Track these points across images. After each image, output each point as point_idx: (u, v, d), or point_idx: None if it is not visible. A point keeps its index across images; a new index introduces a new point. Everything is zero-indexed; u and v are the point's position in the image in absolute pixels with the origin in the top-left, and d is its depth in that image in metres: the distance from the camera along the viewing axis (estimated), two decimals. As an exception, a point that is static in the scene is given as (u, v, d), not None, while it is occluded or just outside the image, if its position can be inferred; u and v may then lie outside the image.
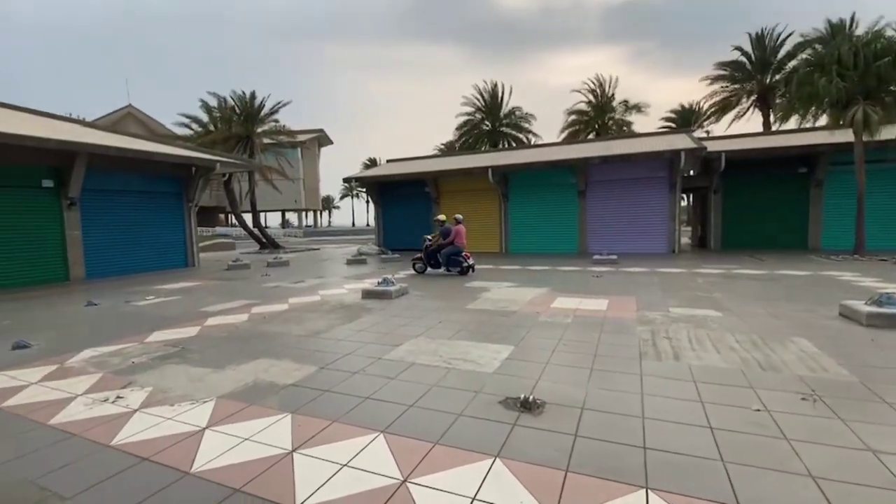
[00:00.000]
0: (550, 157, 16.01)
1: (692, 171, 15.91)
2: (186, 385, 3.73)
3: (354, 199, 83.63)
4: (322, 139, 43.76)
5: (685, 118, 32.12)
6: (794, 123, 15.29)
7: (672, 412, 2.96)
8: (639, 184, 15.07)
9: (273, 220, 51.05)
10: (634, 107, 29.64)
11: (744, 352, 4.20)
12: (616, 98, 29.64)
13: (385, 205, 20.07)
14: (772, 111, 23.82)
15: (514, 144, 29.66)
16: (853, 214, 12.64)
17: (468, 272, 10.27)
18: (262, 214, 24.70)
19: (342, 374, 3.88)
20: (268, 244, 23.09)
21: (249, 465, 2.45)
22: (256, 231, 23.64)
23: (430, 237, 10.82)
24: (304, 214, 47.86)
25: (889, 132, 12.40)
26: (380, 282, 7.87)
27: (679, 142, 14.90)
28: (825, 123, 14.05)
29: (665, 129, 29.63)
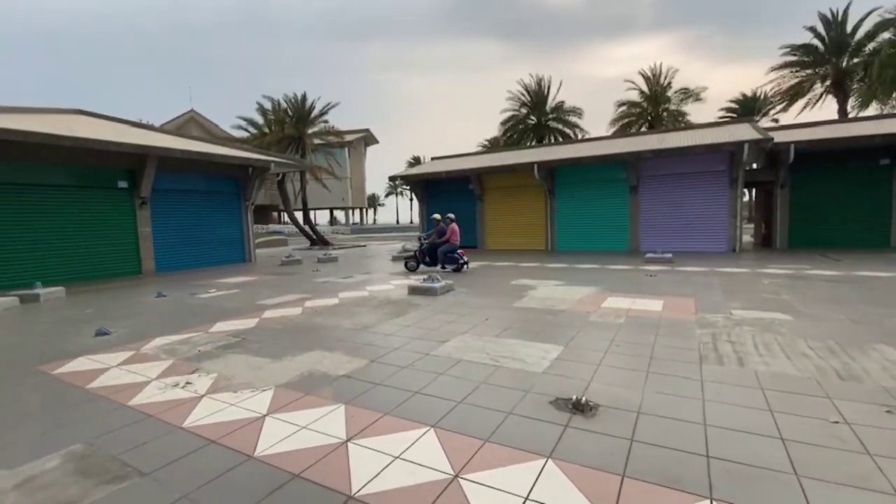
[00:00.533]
0: (600, 152, 15.45)
1: (756, 165, 14.84)
2: (247, 373, 3.94)
3: (399, 197, 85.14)
4: (368, 138, 44.73)
5: (748, 107, 30.11)
6: (874, 110, 13.86)
7: (737, 420, 2.78)
8: (696, 178, 14.25)
9: (321, 218, 52.86)
10: (692, 94, 28.05)
11: (818, 359, 3.87)
12: (671, 87, 28.24)
13: (429, 202, 20.18)
14: (850, 97, 21.77)
15: (561, 139, 28.98)
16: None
17: (462, 269, 10.76)
18: (312, 212, 25.59)
19: (391, 368, 3.96)
20: (317, 241, 23.95)
21: (307, 452, 2.55)
22: (307, 228, 24.59)
23: (425, 235, 11.37)
24: (351, 212, 49.19)
25: None
26: (425, 278, 7.94)
27: (742, 132, 13.92)
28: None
29: (725, 119, 27.87)
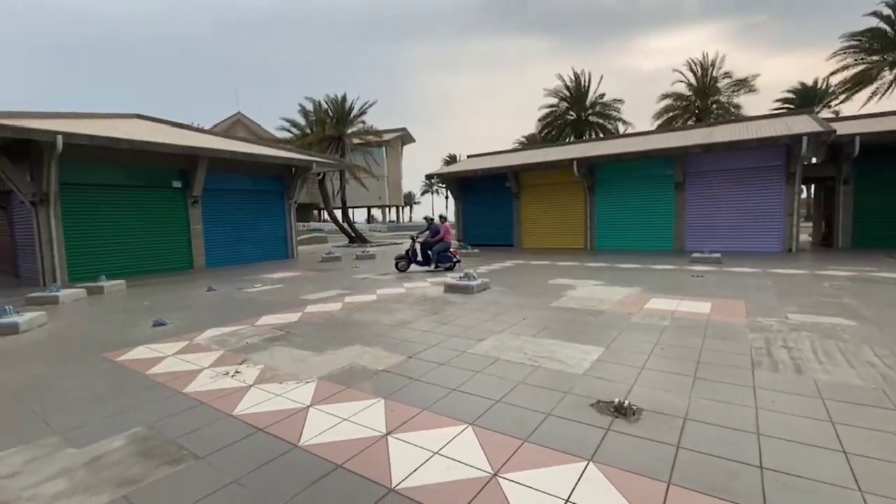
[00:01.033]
0: (643, 147, 14.90)
1: (815, 159, 13.86)
2: (292, 365, 4.10)
3: (434, 195, 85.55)
4: (405, 137, 45.21)
5: (806, 98, 28.13)
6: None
7: (794, 430, 2.62)
8: (748, 174, 13.48)
9: (359, 216, 53.94)
10: (745, 84, 26.47)
11: (886, 368, 3.59)
12: (724, 78, 26.79)
13: (465, 200, 20.18)
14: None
15: (601, 134, 28.18)
16: None
17: (454, 268, 11.07)
18: (350, 210, 26.17)
19: (429, 365, 4.00)
20: (356, 238, 24.48)
21: (349, 444, 2.62)
22: (346, 226, 25.16)
23: (418, 234, 11.70)
24: (388, 210, 49.94)
25: None
26: (461, 276, 7.96)
27: (800, 125, 13.03)
28: None
29: (781, 111, 26.20)
